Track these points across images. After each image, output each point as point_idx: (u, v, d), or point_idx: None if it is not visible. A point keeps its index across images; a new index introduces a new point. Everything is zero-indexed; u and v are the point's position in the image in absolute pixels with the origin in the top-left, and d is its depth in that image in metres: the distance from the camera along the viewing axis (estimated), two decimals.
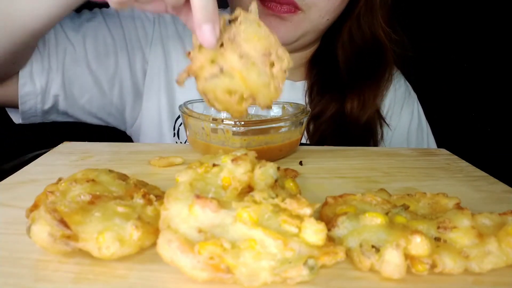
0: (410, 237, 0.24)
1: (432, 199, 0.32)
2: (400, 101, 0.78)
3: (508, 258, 0.25)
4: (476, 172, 0.45)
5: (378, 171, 0.44)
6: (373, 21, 0.71)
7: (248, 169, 0.28)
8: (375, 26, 0.71)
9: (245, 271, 0.23)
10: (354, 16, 0.71)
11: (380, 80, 0.73)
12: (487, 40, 1.05)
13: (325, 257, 0.24)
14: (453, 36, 1.03)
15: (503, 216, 0.29)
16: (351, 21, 0.71)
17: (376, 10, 0.71)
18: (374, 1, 0.70)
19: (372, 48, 0.72)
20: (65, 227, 0.24)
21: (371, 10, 0.71)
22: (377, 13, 0.71)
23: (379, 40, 0.72)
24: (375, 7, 0.70)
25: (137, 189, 0.30)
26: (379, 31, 0.72)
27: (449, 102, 1.03)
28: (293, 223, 0.24)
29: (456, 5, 1.02)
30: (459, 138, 0.78)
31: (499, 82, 1.06)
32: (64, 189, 0.29)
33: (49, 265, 0.25)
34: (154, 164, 0.43)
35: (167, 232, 0.23)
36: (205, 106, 0.51)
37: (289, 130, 0.46)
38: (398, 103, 0.78)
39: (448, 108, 1.02)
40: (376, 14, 0.71)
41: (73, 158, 0.45)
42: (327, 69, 0.73)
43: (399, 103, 0.78)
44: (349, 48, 0.72)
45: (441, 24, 1.00)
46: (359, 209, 0.30)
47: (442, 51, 1.01)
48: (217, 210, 0.24)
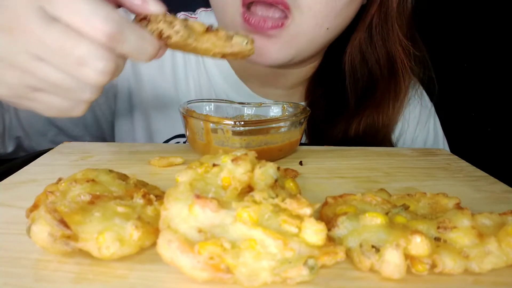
0: (410, 237, 0.24)
1: (432, 199, 0.32)
2: (414, 122, 0.68)
3: (508, 258, 0.25)
4: (476, 172, 0.45)
5: (378, 171, 0.44)
6: (389, 32, 0.58)
7: (248, 169, 0.27)
8: (390, 39, 0.59)
9: (245, 271, 0.23)
10: (364, 26, 0.58)
11: (394, 107, 0.61)
12: (487, 40, 1.05)
13: (325, 257, 0.24)
14: (453, 36, 1.03)
15: (503, 216, 0.29)
16: (361, 32, 0.59)
17: (392, 18, 0.57)
18: (389, 8, 0.57)
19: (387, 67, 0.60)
20: (65, 227, 0.24)
21: (385, 18, 0.58)
22: (394, 22, 0.57)
23: (395, 57, 0.59)
24: (391, 15, 0.57)
25: (137, 189, 0.30)
26: (395, 45, 0.59)
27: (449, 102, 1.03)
28: (293, 223, 0.24)
29: (456, 5, 1.02)
30: (459, 138, 0.78)
31: (499, 82, 1.06)
32: (64, 189, 0.29)
33: (49, 265, 0.25)
34: (154, 164, 0.43)
35: (167, 232, 0.23)
36: (205, 106, 0.51)
37: (289, 130, 0.46)
38: (412, 123, 0.67)
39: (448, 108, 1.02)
40: (392, 23, 0.58)
41: (73, 158, 0.45)
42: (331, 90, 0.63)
43: (413, 123, 0.68)
44: (359, 67, 0.61)
45: (441, 24, 1.00)
46: (359, 209, 0.30)
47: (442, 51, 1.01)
48: (217, 210, 0.24)
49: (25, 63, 0.31)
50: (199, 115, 0.45)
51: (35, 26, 0.30)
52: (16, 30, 0.30)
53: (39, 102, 0.34)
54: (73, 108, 0.34)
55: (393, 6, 0.57)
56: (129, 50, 0.32)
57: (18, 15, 0.30)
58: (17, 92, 0.33)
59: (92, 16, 0.29)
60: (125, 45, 0.31)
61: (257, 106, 0.52)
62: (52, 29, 0.30)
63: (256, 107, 0.52)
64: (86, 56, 0.30)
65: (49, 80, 0.32)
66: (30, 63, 0.31)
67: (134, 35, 0.31)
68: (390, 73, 0.60)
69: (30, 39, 0.30)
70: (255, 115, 0.52)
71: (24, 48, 0.30)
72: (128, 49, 0.31)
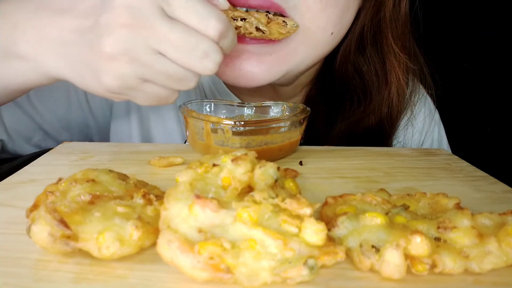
0: (410, 237, 0.24)
1: (432, 199, 0.32)
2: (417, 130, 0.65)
3: (508, 258, 0.25)
4: (476, 172, 0.45)
5: (378, 171, 0.44)
6: (382, 44, 0.54)
7: (248, 169, 0.27)
8: (384, 51, 0.55)
9: (245, 271, 0.23)
10: (355, 36, 0.54)
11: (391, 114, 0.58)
12: (487, 40, 1.05)
13: (325, 257, 0.24)
14: (453, 36, 1.03)
15: (503, 216, 0.29)
16: (351, 41, 0.55)
17: (385, 29, 0.53)
18: (382, 18, 0.53)
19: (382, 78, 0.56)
20: (65, 227, 0.24)
21: (378, 28, 0.54)
22: (388, 33, 0.54)
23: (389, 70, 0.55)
24: (383, 25, 0.53)
25: (137, 189, 0.30)
26: (390, 57, 0.55)
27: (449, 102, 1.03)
28: (293, 223, 0.24)
29: (456, 5, 1.02)
30: (459, 138, 0.78)
31: (499, 82, 1.06)
32: (64, 189, 0.29)
33: (49, 265, 0.25)
34: (154, 164, 0.43)
35: (167, 232, 0.23)
36: (205, 106, 0.51)
37: (289, 130, 0.46)
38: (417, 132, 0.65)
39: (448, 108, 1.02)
40: (386, 34, 0.54)
41: (73, 158, 0.45)
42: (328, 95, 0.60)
43: (417, 131, 0.65)
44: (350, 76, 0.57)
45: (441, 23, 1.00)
46: (359, 209, 0.30)
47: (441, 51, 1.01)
48: (217, 210, 0.24)
49: (146, 57, 0.34)
50: (199, 115, 0.45)
51: (158, 24, 0.33)
52: (140, 27, 0.33)
53: (143, 93, 0.37)
54: (170, 96, 0.38)
55: (386, 16, 0.53)
56: (227, 44, 0.37)
57: (142, 14, 0.33)
58: (129, 83, 0.36)
59: (208, 16, 0.34)
60: (226, 41, 0.36)
61: (257, 106, 0.52)
62: (176, 27, 0.34)
63: (256, 107, 0.52)
64: (209, 50, 0.35)
65: (165, 72, 0.35)
66: (150, 56, 0.34)
67: (232, 32, 0.37)
68: (386, 84, 0.57)
69: (154, 36, 0.34)
70: (255, 115, 0.52)
71: (146, 43, 0.34)
72: (227, 44, 0.37)
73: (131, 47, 0.34)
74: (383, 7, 0.53)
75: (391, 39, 0.54)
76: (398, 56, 0.54)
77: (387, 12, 0.53)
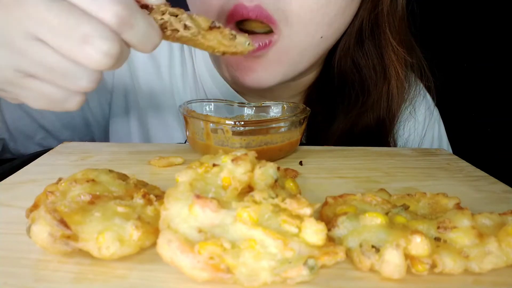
0: (410, 237, 0.24)
1: (432, 199, 0.32)
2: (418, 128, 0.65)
3: (508, 258, 0.25)
4: (476, 172, 0.45)
5: (378, 171, 0.44)
6: (380, 38, 0.54)
7: (248, 169, 0.27)
8: (382, 45, 0.55)
9: (245, 271, 0.23)
10: (354, 30, 0.54)
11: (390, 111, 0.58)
12: (487, 40, 1.05)
13: (325, 257, 0.24)
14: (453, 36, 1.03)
15: (503, 216, 0.29)
16: (350, 36, 0.54)
17: (383, 23, 0.53)
18: (380, 12, 0.53)
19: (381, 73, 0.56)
20: (65, 227, 0.24)
21: (376, 23, 0.53)
22: (386, 27, 0.53)
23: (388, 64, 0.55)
24: (381, 20, 0.53)
25: (137, 189, 0.30)
26: (388, 52, 0.55)
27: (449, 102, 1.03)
28: (293, 223, 0.24)
29: (456, 5, 1.02)
30: (459, 138, 0.78)
31: (499, 82, 1.06)
32: (64, 189, 0.29)
33: (49, 265, 0.25)
34: (154, 164, 0.43)
35: (167, 232, 0.23)
36: (205, 106, 0.51)
37: (289, 130, 0.46)
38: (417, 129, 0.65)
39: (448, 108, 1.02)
40: (384, 29, 0.53)
41: (73, 158, 0.45)
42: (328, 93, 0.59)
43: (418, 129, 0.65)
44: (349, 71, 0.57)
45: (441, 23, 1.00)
46: (359, 209, 0.30)
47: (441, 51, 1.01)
48: (217, 210, 0.24)
49: (19, 42, 0.28)
50: (199, 115, 0.45)
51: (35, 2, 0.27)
52: (13, 6, 0.28)
53: (28, 91, 0.31)
54: (66, 99, 0.31)
55: (384, 11, 0.53)
56: (136, 37, 0.29)
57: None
58: (5, 76, 0.30)
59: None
60: (133, 31, 0.29)
61: (257, 106, 0.52)
62: (55, 6, 0.27)
63: (256, 107, 0.52)
64: (91, 34, 0.27)
65: (44, 63, 0.29)
66: (25, 42, 0.28)
67: (143, 22, 0.29)
68: (384, 78, 0.57)
69: (28, 16, 0.27)
70: (255, 115, 0.52)
71: (20, 26, 0.28)
72: (136, 35, 0.29)
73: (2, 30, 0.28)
74: (380, 1, 0.53)
75: (388, 33, 0.54)
76: (396, 50, 0.54)
77: (385, 6, 0.53)
